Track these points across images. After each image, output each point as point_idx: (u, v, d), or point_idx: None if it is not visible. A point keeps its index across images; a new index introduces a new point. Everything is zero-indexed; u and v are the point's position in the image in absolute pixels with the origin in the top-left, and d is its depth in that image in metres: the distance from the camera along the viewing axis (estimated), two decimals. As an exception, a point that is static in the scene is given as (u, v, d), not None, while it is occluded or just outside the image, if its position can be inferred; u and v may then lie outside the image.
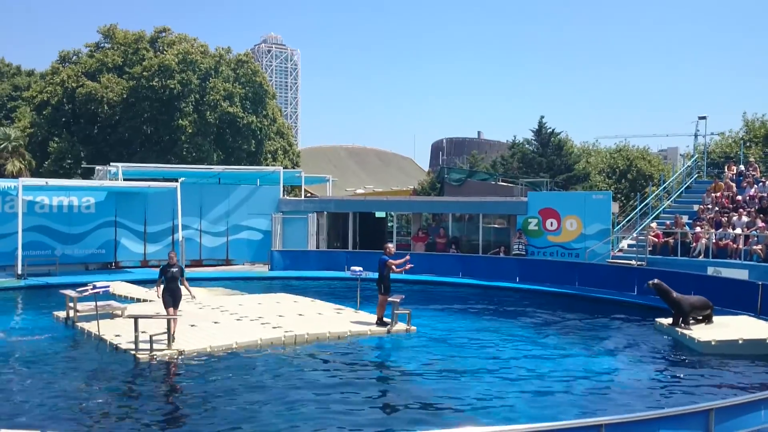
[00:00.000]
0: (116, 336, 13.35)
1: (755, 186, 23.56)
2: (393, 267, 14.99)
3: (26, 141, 47.36)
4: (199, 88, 43.91)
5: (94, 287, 14.21)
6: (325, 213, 28.19)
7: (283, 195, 29.08)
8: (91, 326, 14.13)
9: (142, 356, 12.01)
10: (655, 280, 15.15)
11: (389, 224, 30.82)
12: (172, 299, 12.97)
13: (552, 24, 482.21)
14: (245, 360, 12.19)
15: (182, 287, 13.36)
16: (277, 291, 20.37)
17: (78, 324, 14.69)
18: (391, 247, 15.68)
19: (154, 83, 41.95)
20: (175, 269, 13.12)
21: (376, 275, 15.18)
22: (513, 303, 19.35)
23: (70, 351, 13.07)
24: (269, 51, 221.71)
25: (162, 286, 13.07)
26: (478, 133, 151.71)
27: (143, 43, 45.23)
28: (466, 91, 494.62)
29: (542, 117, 51.67)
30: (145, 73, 42.29)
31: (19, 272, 21.40)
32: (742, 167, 25.93)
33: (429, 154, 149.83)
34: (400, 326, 14.87)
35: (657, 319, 15.69)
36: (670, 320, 14.94)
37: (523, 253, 24.56)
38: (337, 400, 9.85)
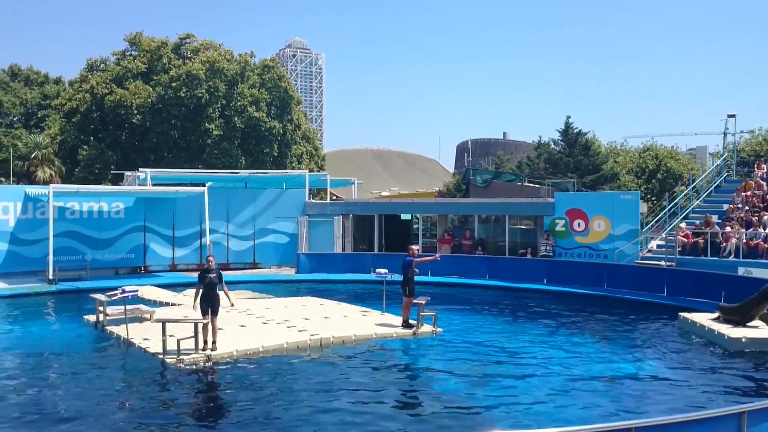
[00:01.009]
0: (144, 339, 13.50)
1: (787, 184, 23.10)
2: (420, 260, 15.37)
3: (56, 148, 48.19)
4: (225, 94, 44.32)
5: (123, 291, 14.36)
6: (351, 215, 28.24)
7: (309, 198, 29.18)
8: (120, 330, 14.32)
9: (170, 360, 12.11)
10: None
11: (415, 226, 30.79)
12: (209, 306, 12.59)
13: (578, 22, 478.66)
14: (271, 364, 12.23)
15: (221, 294, 12.92)
16: (304, 294, 20.46)
17: (108, 327, 14.90)
18: (416, 248, 15.70)
19: (182, 93, 42.40)
20: (212, 275, 12.61)
21: (401, 277, 15.17)
22: (540, 305, 19.19)
23: (100, 354, 13.25)
24: (294, 55, 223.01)
25: (199, 294, 12.65)
26: (504, 133, 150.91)
27: (166, 50, 45.74)
28: (491, 92, 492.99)
29: (569, 117, 51.30)
30: (173, 83, 42.76)
31: (51, 277, 21.74)
32: (773, 165, 25.43)
33: (454, 156, 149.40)
34: (426, 328, 14.84)
35: (681, 314, 15.59)
36: (697, 315, 15.19)
37: (551, 254, 24.34)
38: (364, 403, 9.85)
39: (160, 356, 12.27)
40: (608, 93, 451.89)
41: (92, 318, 15.85)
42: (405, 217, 31.44)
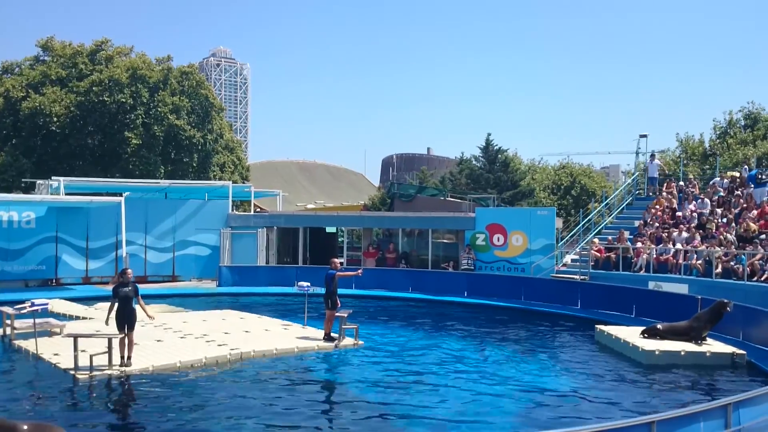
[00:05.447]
0: (55, 355, 12.95)
1: (694, 202, 24.30)
2: (342, 275, 15.31)
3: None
4: (147, 101, 43.27)
5: (33, 304, 13.77)
6: (275, 228, 27.98)
7: (232, 210, 28.75)
8: (28, 344, 13.70)
9: (82, 376, 11.65)
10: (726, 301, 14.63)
11: (340, 239, 30.75)
12: (124, 322, 12.18)
13: (497, 46, 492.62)
14: (188, 379, 11.94)
15: (138, 308, 12.57)
16: (225, 307, 20.08)
17: (15, 342, 14.24)
18: (337, 261, 15.75)
19: (105, 98, 41.17)
20: (127, 288, 12.27)
21: (324, 290, 15.13)
22: (461, 317, 19.48)
23: (6, 369, 12.63)
24: (218, 65, 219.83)
25: (114, 308, 12.23)
26: (428, 149, 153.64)
27: (82, 57, 44.35)
28: (417, 107, 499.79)
29: (489, 134, 52.50)
30: (95, 88, 41.46)
31: (-46, 289, 20.63)
32: (681, 183, 26.71)
33: (380, 170, 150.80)
34: (348, 341, 14.83)
35: (597, 326, 16.14)
36: (613, 328, 15.70)
37: (471, 267, 24.80)
38: (284, 417, 9.73)
39: (72, 372, 11.80)
40: (528, 111, 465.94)
41: (-2, 332, 15.10)
42: (330, 230, 31.39)
